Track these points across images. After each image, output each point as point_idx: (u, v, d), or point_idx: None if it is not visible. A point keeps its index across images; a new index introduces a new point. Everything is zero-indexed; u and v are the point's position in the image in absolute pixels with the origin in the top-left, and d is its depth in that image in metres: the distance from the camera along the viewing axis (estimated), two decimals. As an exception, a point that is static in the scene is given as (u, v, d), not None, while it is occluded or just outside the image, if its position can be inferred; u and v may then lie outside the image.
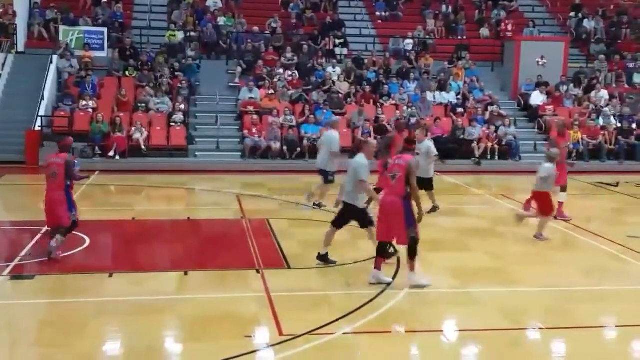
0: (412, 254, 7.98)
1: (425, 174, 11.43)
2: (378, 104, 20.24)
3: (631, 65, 22.98)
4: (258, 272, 8.77)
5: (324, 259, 9.01)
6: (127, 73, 20.65)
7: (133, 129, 18.17)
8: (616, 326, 7.34)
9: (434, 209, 12.15)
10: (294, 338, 6.57)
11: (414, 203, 7.98)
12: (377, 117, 19.45)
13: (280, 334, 6.72)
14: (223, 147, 18.77)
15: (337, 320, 7.04)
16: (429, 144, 12.19)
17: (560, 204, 11.99)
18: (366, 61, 22.31)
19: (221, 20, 23.05)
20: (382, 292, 7.95)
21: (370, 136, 18.65)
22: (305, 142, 18.41)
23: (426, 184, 11.58)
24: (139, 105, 19.13)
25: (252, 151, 18.35)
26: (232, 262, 9.54)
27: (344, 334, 6.80)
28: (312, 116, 19.06)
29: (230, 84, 21.21)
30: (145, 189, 15.17)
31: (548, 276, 8.90)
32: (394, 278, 8.51)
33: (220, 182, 15.67)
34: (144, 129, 18.19)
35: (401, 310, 7.57)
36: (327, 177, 12.24)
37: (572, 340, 6.88)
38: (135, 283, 8.47)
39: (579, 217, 12.48)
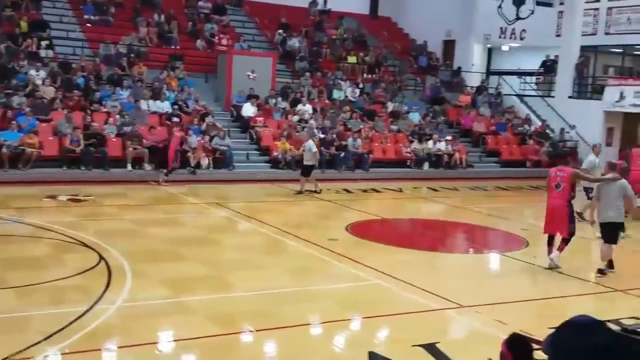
0: (566, 242, 10.26)
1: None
2: (88, 111, 19.27)
3: (331, 82, 25.15)
4: (-56, 297, 7.74)
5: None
6: None
7: None
8: (320, 323, 7.88)
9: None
10: (-13, 367, 5.92)
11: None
12: (88, 125, 18.49)
13: (-29, 364, 6.00)
14: None
15: (38, 342, 6.48)
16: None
17: None
18: (74, 65, 21.14)
19: None
20: (90, 309, 7.54)
21: (80, 144, 17.72)
22: (4, 150, 16.74)
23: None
24: None
25: (-62, 160, 16.17)
26: None
27: (45, 357, 6.29)
28: (13, 122, 17.42)
29: None
30: None
31: (258, 280, 9.26)
32: (105, 291, 8.15)
33: None
34: None
35: (111, 326, 7.24)
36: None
37: (280, 340, 7.21)
38: None
39: (286, 222, 13.26)
